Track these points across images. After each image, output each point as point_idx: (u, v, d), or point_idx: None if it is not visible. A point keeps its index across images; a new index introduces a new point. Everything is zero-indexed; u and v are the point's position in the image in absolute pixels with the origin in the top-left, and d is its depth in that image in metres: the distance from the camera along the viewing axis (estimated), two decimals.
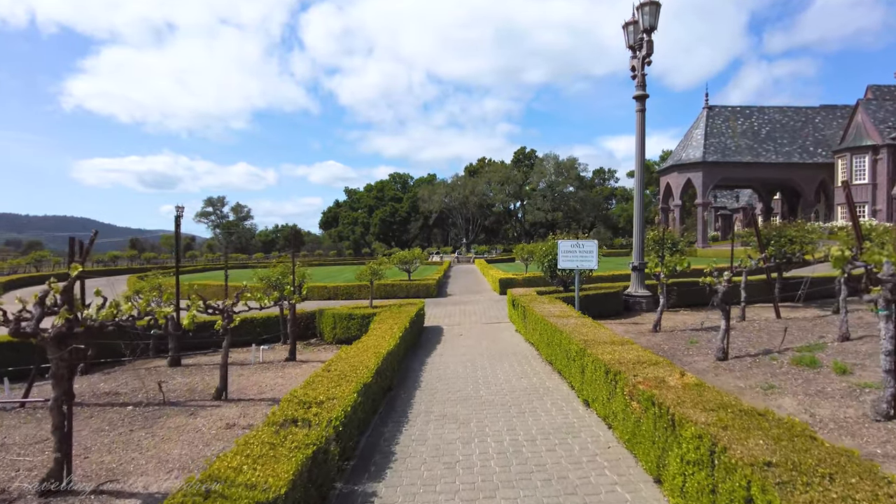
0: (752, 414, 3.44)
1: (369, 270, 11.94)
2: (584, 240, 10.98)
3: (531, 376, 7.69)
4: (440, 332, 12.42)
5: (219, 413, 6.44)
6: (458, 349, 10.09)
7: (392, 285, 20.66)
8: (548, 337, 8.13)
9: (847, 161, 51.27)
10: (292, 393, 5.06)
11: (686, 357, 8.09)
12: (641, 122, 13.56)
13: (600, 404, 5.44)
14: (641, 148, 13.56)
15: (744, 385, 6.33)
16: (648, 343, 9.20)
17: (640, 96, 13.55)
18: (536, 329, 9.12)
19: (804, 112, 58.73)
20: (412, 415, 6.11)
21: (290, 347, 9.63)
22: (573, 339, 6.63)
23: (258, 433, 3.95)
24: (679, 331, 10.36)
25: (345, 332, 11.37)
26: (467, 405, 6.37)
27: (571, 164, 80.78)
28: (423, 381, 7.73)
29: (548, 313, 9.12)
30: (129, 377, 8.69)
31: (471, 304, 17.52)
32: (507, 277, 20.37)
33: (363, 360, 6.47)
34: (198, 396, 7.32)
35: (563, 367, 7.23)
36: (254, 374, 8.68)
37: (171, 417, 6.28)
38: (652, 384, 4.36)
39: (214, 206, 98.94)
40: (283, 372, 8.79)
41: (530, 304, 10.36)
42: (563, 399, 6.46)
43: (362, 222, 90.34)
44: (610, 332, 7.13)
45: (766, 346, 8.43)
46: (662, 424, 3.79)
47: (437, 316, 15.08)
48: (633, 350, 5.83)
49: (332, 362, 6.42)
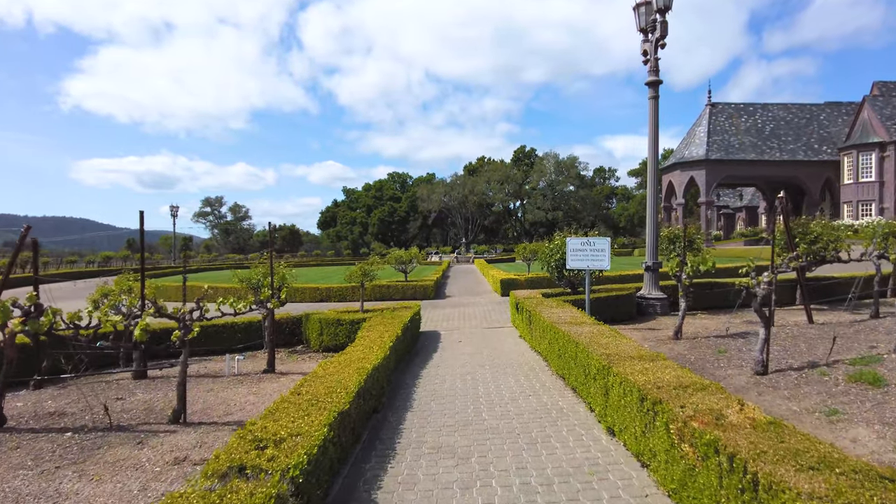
0: (876, 479, 2.41)
1: (360, 271, 10.91)
2: (595, 237, 9.95)
3: (540, 394, 6.66)
4: (437, 337, 11.39)
5: (172, 441, 5.41)
6: (457, 359, 9.06)
7: (387, 286, 19.62)
8: (559, 347, 7.10)
9: (853, 158, 50.32)
10: (249, 426, 4.03)
11: (717, 370, 7.07)
12: (655, 111, 12.54)
13: (631, 436, 4.41)
14: (655, 138, 12.54)
15: (798, 408, 5.30)
16: (671, 353, 8.17)
17: (653, 82, 12.52)
18: (545, 337, 8.09)
19: (808, 109, 57.72)
20: (401, 446, 5.07)
21: (268, 358, 8.60)
22: (593, 354, 5.60)
23: (187, 495, 2.92)
24: (702, 338, 9.33)
25: (332, 339, 10.35)
26: (467, 433, 5.34)
27: (572, 163, 79.81)
28: (415, 399, 6.70)
29: (558, 319, 8.09)
30: (86, 392, 7.65)
31: (470, 307, 16.50)
32: (508, 278, 19.35)
33: (342, 378, 5.43)
34: (154, 418, 6.28)
35: (579, 384, 6.20)
36: (225, 389, 7.64)
37: (114, 448, 5.24)
38: (708, 421, 3.33)
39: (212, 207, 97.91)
40: (257, 387, 7.76)
41: (536, 309, 9.33)
42: (580, 424, 5.43)
43: (361, 222, 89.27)
44: (635, 344, 6.09)
45: (807, 356, 7.41)
46: (735, 483, 2.77)
47: (435, 319, 14.06)
48: (669, 369, 4.80)
49: (307, 381, 5.38)
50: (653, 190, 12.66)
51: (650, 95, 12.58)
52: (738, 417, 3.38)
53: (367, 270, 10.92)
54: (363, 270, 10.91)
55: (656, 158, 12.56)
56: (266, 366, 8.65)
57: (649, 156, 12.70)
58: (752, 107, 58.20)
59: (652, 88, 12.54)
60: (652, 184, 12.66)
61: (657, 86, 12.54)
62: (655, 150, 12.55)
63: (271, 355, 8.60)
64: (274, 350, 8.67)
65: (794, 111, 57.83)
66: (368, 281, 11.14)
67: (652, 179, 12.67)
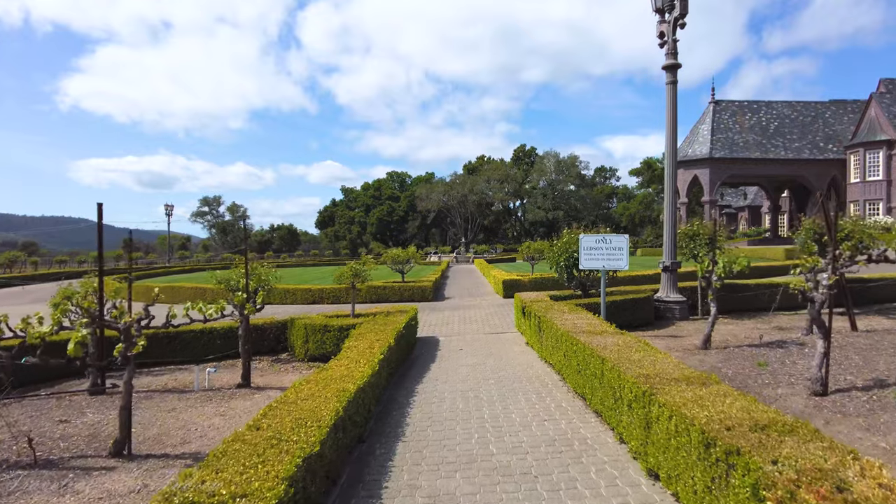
0: None
1: (350, 272, 9.85)
2: (612, 234, 8.91)
3: (558, 417, 5.61)
4: (436, 345, 10.35)
5: (105, 484, 4.35)
6: (458, 371, 8.02)
7: (384, 287, 18.58)
8: (579, 362, 6.05)
9: (860, 157, 49.34)
10: (181, 485, 2.99)
11: (764, 389, 6.02)
12: (673, 97, 11.50)
13: (688, 489, 3.36)
14: (673, 128, 11.50)
15: (887, 445, 4.26)
16: (703, 365, 7.13)
17: (671, 66, 11.48)
18: (559, 348, 7.05)
19: (813, 107, 56.74)
20: (388, 493, 4.02)
21: (242, 370, 7.55)
22: (626, 375, 4.55)
23: None
24: (734, 347, 8.29)
25: (318, 347, 9.30)
26: (471, 473, 4.29)
27: (572, 162, 78.77)
28: (409, 423, 5.65)
29: (573, 328, 7.04)
30: (29, 412, 6.61)
31: (471, 310, 15.45)
32: (511, 279, 18.30)
33: (317, 406, 4.38)
34: (94, 449, 5.23)
35: (605, 408, 5.16)
36: (189, 409, 6.59)
37: (28, 495, 4.19)
38: (828, 493, 2.28)
39: (210, 206, 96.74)
40: (227, 405, 6.71)
41: (547, 315, 8.29)
42: (612, 462, 4.39)
43: (359, 221, 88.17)
44: (674, 360, 5.05)
45: (867, 372, 6.37)
46: None
47: (433, 324, 13.01)
48: (731, 398, 3.76)
49: (271, 410, 4.33)
50: (671, 184, 11.63)
51: (668, 80, 11.54)
52: (867, 487, 2.34)
53: (359, 271, 9.87)
54: (354, 271, 9.85)
55: (675, 150, 11.53)
56: (241, 379, 7.59)
57: (667, 147, 11.67)
58: (757, 104, 57.20)
59: (670, 73, 11.51)
60: (670, 177, 11.63)
61: (676, 70, 11.51)
62: (674, 140, 11.52)
63: (246, 368, 7.54)
64: (249, 361, 7.61)
65: (798, 109, 56.85)
66: (360, 282, 10.10)
67: (670, 173, 11.64)
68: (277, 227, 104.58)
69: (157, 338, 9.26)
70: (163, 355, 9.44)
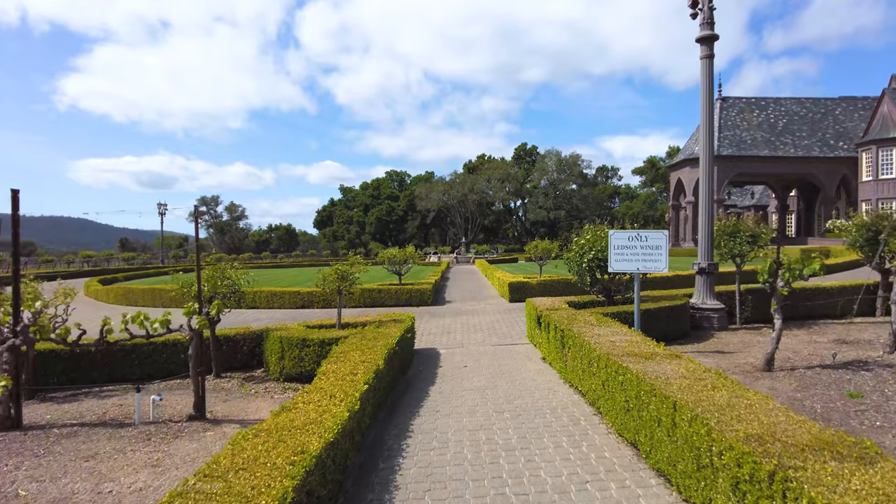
0: None
1: (335, 275, 8.32)
2: (648, 230, 7.39)
3: (604, 478, 4.08)
4: (436, 359, 8.84)
5: None
6: (463, 398, 6.49)
7: (379, 291, 17.06)
8: (628, 398, 4.51)
9: (872, 154, 47.84)
10: None
11: (881, 435, 4.49)
12: (709, 74, 9.97)
13: None
14: (709, 107, 9.97)
15: None
16: (775, 394, 5.59)
17: (706, 37, 9.96)
18: (594, 374, 5.51)
19: (823, 103, 55.28)
20: None
21: (195, 399, 6.01)
22: (720, 433, 3.01)
23: None
24: (803, 369, 6.75)
25: (296, 365, 7.77)
26: None
27: (574, 161, 77.23)
28: (400, 487, 4.11)
29: (612, 347, 5.50)
30: None
31: (475, 315, 13.93)
32: (518, 281, 16.76)
33: (255, 487, 2.84)
34: None
35: (680, 474, 3.61)
36: (114, 456, 5.04)
37: None
38: None
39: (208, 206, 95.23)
40: (168, 448, 5.17)
41: (573, 328, 6.76)
42: None
43: (358, 221, 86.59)
44: (781, 406, 3.50)
45: None
46: None
47: (433, 332, 11.50)
48: None
49: (181, 497, 2.80)
50: (707, 171, 10.11)
51: (703, 55, 10.02)
52: None
53: (346, 274, 8.35)
54: (339, 274, 8.32)
55: (711, 133, 10.03)
56: (193, 409, 6.06)
57: (703, 131, 10.16)
58: (765, 101, 55.76)
59: (705, 45, 9.98)
60: (706, 163, 10.11)
61: (712, 42, 9.98)
62: (710, 121, 10.01)
63: (198, 396, 6.00)
64: (202, 388, 6.06)
65: (807, 105, 55.41)
66: (347, 286, 8.58)
67: (706, 158, 10.12)
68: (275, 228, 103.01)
69: (112, 350, 7.75)
70: (118, 371, 7.92)
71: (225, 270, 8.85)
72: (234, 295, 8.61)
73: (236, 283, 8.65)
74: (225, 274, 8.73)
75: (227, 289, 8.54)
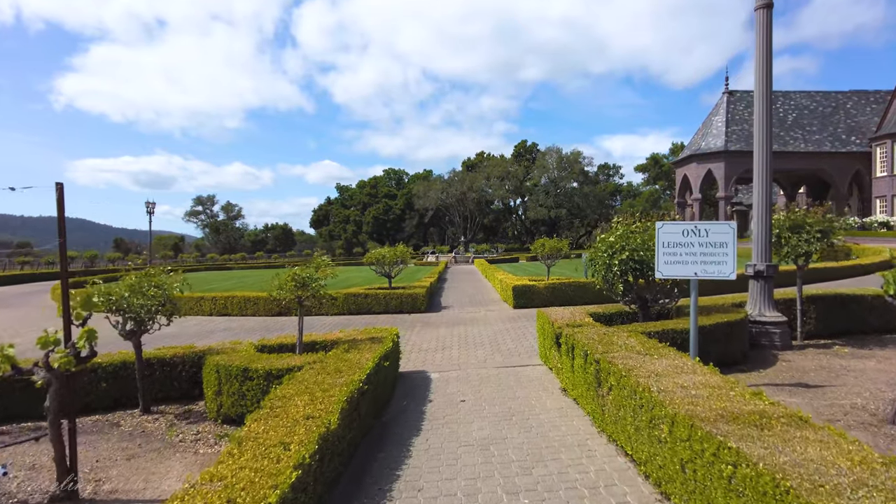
0: None
1: (292, 282, 6.32)
2: (710, 223, 5.43)
3: None
4: (425, 389, 6.88)
5: None
6: (458, 463, 4.52)
7: (365, 296, 15.09)
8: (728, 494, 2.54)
9: (887, 149, 46.00)
10: None
11: None
12: (767, 27, 8.01)
13: None
14: (766, 70, 8.02)
15: None
16: None
17: (765, 4, 7.98)
18: (664, 444, 3.54)
19: (834, 97, 53.32)
20: None
21: (57, 468, 4.04)
22: None
23: None
24: None
25: (236, 403, 5.82)
26: None
27: (575, 159, 75.18)
28: None
29: (693, 403, 3.52)
30: None
31: (475, 326, 11.97)
32: (523, 285, 14.78)
33: None
34: None
35: None
36: None
37: None
38: None
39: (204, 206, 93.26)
40: None
41: (611, 357, 4.79)
42: None
43: (354, 220, 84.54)
44: None
45: None
46: None
47: (424, 348, 9.54)
48: None
49: None
50: (763, 153, 8.15)
51: (759, 4, 8.06)
52: None
53: (306, 280, 6.37)
54: (298, 280, 6.34)
55: (769, 100, 8.09)
56: (57, 486, 4.08)
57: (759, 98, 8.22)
58: (773, 94, 53.71)
59: (764, 12, 7.98)
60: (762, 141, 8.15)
61: (770, 10, 7.99)
62: (768, 86, 8.05)
63: (62, 465, 4.02)
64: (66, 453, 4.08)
65: (818, 99, 53.47)
66: (309, 294, 6.62)
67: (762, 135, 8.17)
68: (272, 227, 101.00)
69: None
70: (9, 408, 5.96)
71: (157, 275, 6.92)
72: (163, 308, 6.64)
73: (168, 291, 6.68)
74: (156, 279, 6.78)
75: (155, 300, 6.57)
